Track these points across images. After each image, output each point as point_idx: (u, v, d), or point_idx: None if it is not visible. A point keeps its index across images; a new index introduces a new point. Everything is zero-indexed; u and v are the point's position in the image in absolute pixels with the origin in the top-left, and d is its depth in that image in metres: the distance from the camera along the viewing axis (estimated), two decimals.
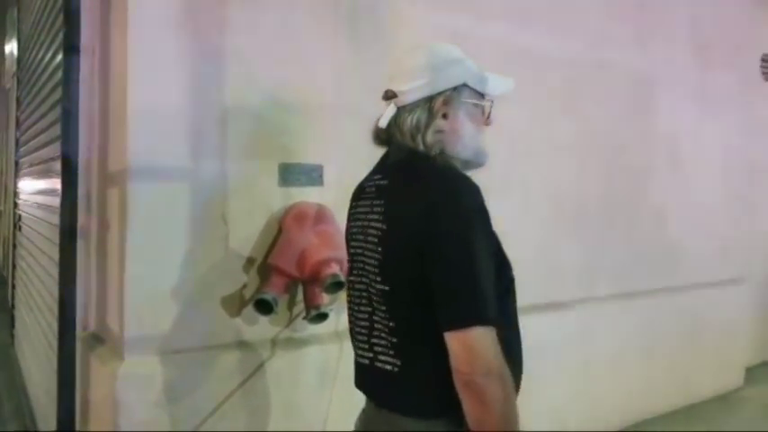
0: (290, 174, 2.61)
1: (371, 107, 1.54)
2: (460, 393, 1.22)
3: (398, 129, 1.41)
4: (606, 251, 3.87)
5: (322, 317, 2.55)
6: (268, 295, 2.41)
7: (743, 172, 4.84)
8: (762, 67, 5.14)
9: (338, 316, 2.64)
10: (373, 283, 1.37)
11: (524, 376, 1.45)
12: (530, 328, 1.44)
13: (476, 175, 1.42)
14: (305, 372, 2.63)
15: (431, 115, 1.39)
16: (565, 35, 3.62)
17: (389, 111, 1.42)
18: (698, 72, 4.43)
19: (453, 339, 1.22)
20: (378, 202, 1.40)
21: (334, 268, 2.42)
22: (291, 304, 2.65)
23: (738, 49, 4.79)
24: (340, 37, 2.75)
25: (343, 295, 2.54)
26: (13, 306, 5.54)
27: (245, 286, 2.53)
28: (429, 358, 1.28)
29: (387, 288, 1.34)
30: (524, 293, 1.46)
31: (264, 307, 2.42)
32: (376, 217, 1.38)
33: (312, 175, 2.66)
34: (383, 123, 1.42)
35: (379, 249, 1.35)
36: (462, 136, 1.42)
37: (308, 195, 2.63)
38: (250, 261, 2.54)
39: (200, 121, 2.42)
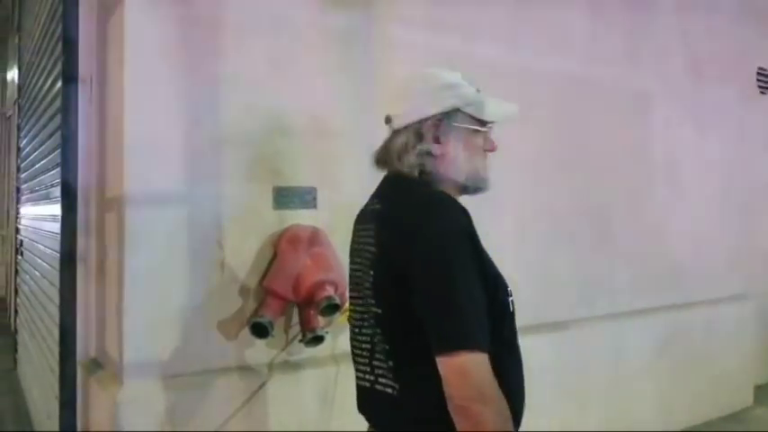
0: (284, 197, 2.64)
1: (364, 130, 1.58)
2: (454, 419, 1.20)
3: (388, 152, 1.45)
4: (604, 269, 3.85)
5: (318, 340, 2.56)
6: (264, 319, 2.43)
7: (742, 186, 4.82)
8: (758, 80, 5.14)
9: (334, 339, 2.65)
10: (369, 306, 1.39)
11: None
12: (527, 349, 1.44)
13: (471, 197, 1.45)
14: (302, 395, 2.63)
15: (417, 138, 1.41)
16: (557, 53, 3.65)
17: (388, 135, 1.47)
18: (694, 86, 4.43)
19: (443, 365, 1.21)
20: (370, 225, 1.42)
21: (329, 291, 2.44)
22: (288, 327, 2.66)
23: (734, 62, 4.79)
24: (332, 61, 2.79)
25: (339, 318, 2.57)
26: (15, 331, 5.56)
27: (241, 310, 2.55)
28: (426, 381, 1.27)
29: (380, 311, 1.36)
30: (521, 314, 1.46)
31: (260, 330, 2.43)
32: (370, 241, 1.40)
33: (306, 198, 2.69)
34: (379, 147, 1.48)
35: (371, 273, 1.38)
36: (454, 160, 1.43)
37: (302, 218, 2.65)
38: (246, 285, 2.56)
39: (195, 147, 2.46)
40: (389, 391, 1.35)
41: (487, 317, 1.26)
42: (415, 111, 1.43)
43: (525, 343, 1.45)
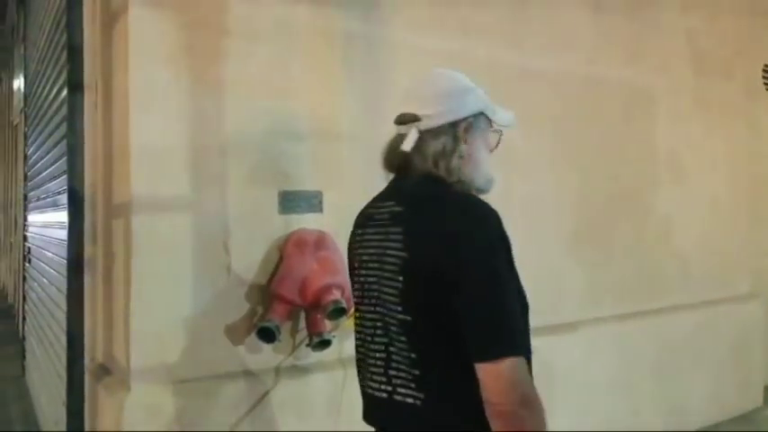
0: (290, 201, 2.64)
1: (369, 133, 1.57)
2: (495, 423, 1.19)
3: (421, 153, 1.39)
4: (611, 269, 3.84)
5: (325, 343, 2.56)
6: (271, 323, 2.43)
7: (748, 183, 4.78)
8: (764, 76, 5.11)
9: (341, 342, 2.65)
10: (392, 313, 1.34)
11: None
12: (534, 350, 1.44)
13: None
14: (310, 399, 2.63)
15: (456, 141, 1.40)
16: (560, 52, 3.64)
17: (412, 135, 1.39)
18: (698, 84, 4.41)
19: (485, 371, 1.20)
20: (395, 229, 1.35)
21: (336, 294, 2.44)
22: (294, 332, 2.66)
23: (739, 59, 4.76)
24: (336, 65, 2.80)
25: (346, 322, 2.57)
26: (23, 337, 5.58)
27: (247, 315, 2.55)
28: (454, 390, 1.26)
29: (408, 318, 1.31)
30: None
31: (267, 335, 2.43)
32: (395, 245, 1.34)
33: (312, 202, 2.69)
34: (408, 147, 1.39)
35: (400, 278, 1.31)
36: (479, 163, 1.43)
37: (308, 222, 2.66)
38: (252, 289, 2.56)
39: (200, 153, 2.47)
40: (410, 401, 1.32)
41: None
42: (450, 112, 1.40)
43: (533, 344, 1.44)
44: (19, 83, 6.30)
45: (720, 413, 4.30)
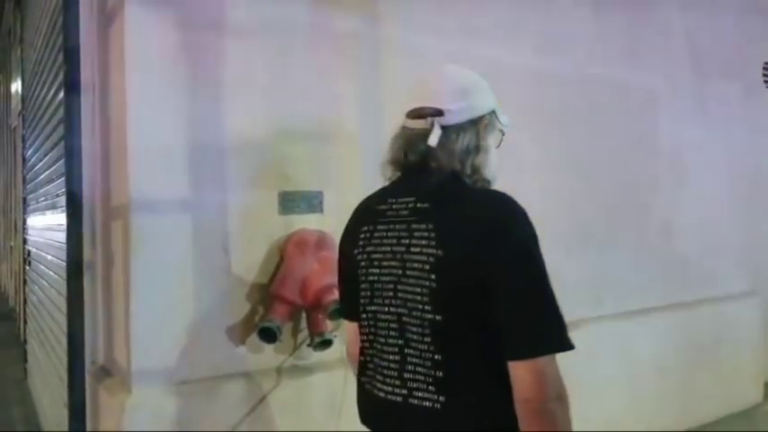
0: (290, 202, 2.63)
1: (370, 133, 1.56)
2: (528, 422, 1.18)
3: (446, 150, 1.35)
4: (612, 268, 3.83)
5: (326, 343, 2.56)
6: (271, 323, 2.42)
7: (749, 182, 4.78)
8: (764, 75, 5.10)
9: (343, 342, 2.64)
10: (417, 313, 1.30)
11: None
12: None
13: None
14: (311, 399, 2.62)
15: (478, 137, 1.38)
16: (559, 52, 3.63)
17: (437, 130, 1.35)
18: (698, 83, 4.40)
19: (523, 368, 1.19)
20: (422, 225, 1.31)
21: (337, 294, 2.43)
22: (296, 332, 2.66)
23: (739, 57, 4.77)
24: (336, 64, 2.78)
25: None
26: (25, 341, 5.58)
27: (248, 315, 2.54)
28: (477, 391, 1.25)
29: (439, 318, 1.27)
30: None
31: (268, 335, 2.43)
32: (425, 242, 1.29)
33: (312, 203, 2.68)
34: (434, 142, 1.34)
35: (433, 277, 1.27)
36: (490, 158, 1.42)
37: (308, 222, 2.65)
38: (253, 289, 2.55)
39: (199, 153, 2.46)
40: (428, 404, 1.28)
41: None
42: (473, 108, 1.39)
43: None
44: (16, 85, 6.29)
45: (720, 409, 4.31)
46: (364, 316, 1.43)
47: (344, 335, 1.71)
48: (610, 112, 3.89)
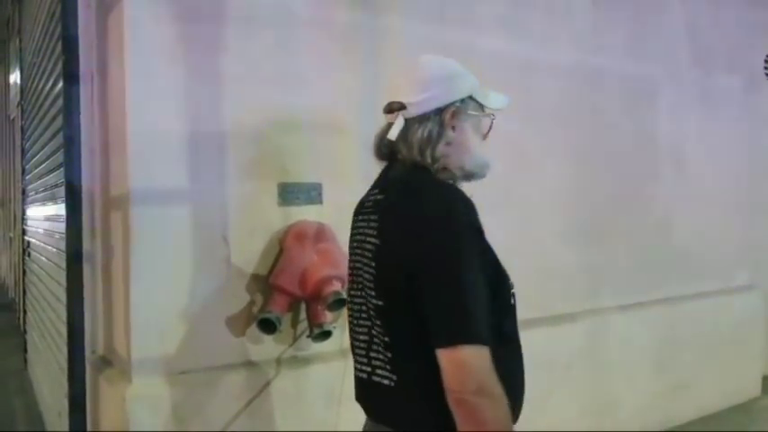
0: (290, 193, 2.63)
1: (369, 125, 1.56)
2: (454, 411, 1.20)
3: (406, 141, 1.39)
4: (611, 261, 3.83)
5: (326, 335, 2.56)
6: (271, 314, 2.42)
7: (749, 175, 4.76)
8: (765, 68, 5.08)
9: (342, 333, 2.64)
10: (369, 298, 1.38)
11: (534, 391, 1.42)
12: (535, 342, 1.43)
13: (476, 189, 1.42)
14: (310, 390, 2.63)
15: (442, 127, 1.39)
16: (560, 44, 3.62)
17: (399, 123, 1.39)
18: (699, 75, 4.39)
19: (443, 357, 1.21)
20: (373, 217, 1.40)
21: (336, 286, 2.43)
22: (295, 323, 2.66)
23: (740, 50, 4.74)
24: (336, 56, 2.77)
25: (346, 313, 2.56)
26: (25, 331, 5.58)
27: (248, 306, 2.55)
28: (424, 373, 1.26)
29: (380, 303, 1.34)
30: (528, 307, 1.45)
31: (268, 326, 2.43)
32: (371, 232, 1.38)
33: (311, 194, 2.68)
34: (393, 136, 1.39)
35: (373, 264, 1.36)
36: (469, 148, 1.43)
37: (307, 214, 2.65)
38: (252, 281, 2.55)
39: (199, 144, 2.45)
40: (386, 382, 1.35)
41: (489, 311, 1.25)
42: (435, 98, 1.40)
43: (532, 336, 1.45)
44: (15, 76, 6.27)
45: (719, 403, 4.32)
46: (349, 299, 1.51)
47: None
48: (610, 104, 3.88)
